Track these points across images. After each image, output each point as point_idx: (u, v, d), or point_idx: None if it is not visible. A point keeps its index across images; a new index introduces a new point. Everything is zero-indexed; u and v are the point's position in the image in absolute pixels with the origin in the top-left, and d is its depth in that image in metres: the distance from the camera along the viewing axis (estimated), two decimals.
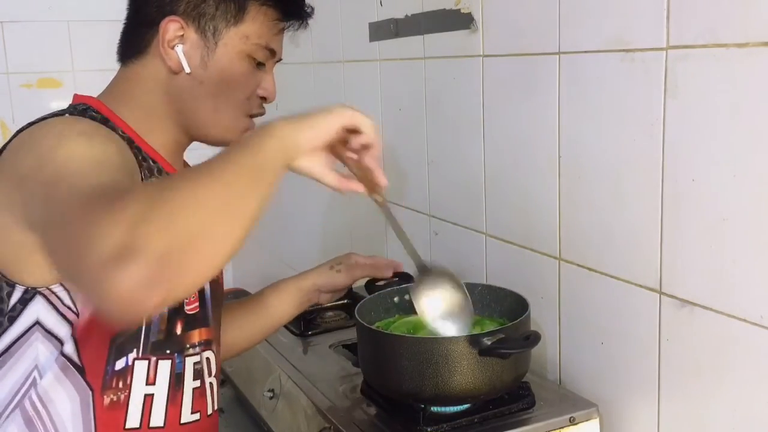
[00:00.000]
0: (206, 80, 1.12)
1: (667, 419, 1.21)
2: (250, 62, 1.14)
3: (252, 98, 1.17)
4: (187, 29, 1.11)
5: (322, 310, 1.78)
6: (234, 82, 1.13)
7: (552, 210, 1.38)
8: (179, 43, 1.11)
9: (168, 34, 1.10)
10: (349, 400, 1.33)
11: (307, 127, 0.93)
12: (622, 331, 1.27)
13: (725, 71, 1.04)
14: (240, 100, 1.15)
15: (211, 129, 1.16)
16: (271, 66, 1.19)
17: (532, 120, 1.41)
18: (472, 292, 1.44)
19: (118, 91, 1.15)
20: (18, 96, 2.76)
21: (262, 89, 1.18)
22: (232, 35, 1.12)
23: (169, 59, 1.11)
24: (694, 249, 1.11)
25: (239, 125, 1.16)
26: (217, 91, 1.13)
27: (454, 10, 1.58)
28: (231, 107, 1.15)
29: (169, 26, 1.10)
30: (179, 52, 1.10)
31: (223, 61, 1.12)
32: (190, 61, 1.11)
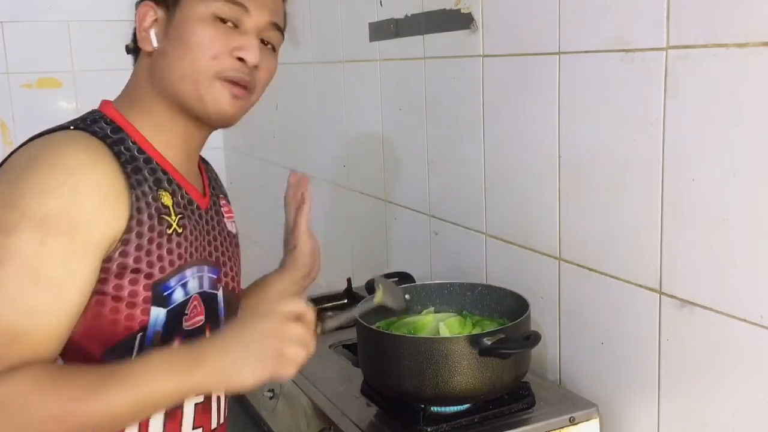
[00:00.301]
0: (170, 50, 1.07)
1: (667, 419, 1.21)
2: (213, 22, 1.07)
3: (221, 58, 1.07)
4: (158, 10, 1.09)
5: (322, 310, 1.78)
6: (195, 44, 1.06)
7: (552, 210, 1.38)
8: (153, 27, 1.09)
9: (144, 20, 1.09)
10: (349, 400, 1.33)
11: (232, 381, 0.97)
12: (622, 331, 1.27)
13: (725, 71, 1.04)
14: (202, 62, 1.06)
15: (189, 101, 1.08)
16: (250, 27, 1.09)
17: (532, 120, 1.41)
18: (472, 292, 1.45)
19: (126, 91, 1.14)
20: (18, 96, 2.76)
21: (237, 49, 1.08)
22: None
23: (143, 42, 1.09)
24: (694, 249, 1.12)
25: (214, 92, 1.07)
26: (178, 57, 1.07)
27: (454, 10, 1.58)
28: (197, 73, 1.06)
29: (143, 12, 1.09)
30: (151, 33, 1.09)
31: (181, 25, 1.07)
32: (157, 37, 1.09)
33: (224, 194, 1.30)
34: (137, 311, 1.01)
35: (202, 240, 1.12)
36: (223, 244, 1.19)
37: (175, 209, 1.07)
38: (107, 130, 1.05)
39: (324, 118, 2.31)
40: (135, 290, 1.01)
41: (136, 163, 1.04)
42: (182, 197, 1.10)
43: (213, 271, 1.14)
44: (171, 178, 1.09)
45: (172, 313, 1.05)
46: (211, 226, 1.17)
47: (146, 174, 1.05)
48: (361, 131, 2.09)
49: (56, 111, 2.79)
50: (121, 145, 1.05)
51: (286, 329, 0.97)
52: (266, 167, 2.82)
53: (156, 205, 1.04)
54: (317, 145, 2.38)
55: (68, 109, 2.80)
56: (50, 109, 2.79)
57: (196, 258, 1.10)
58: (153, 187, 1.05)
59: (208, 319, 1.13)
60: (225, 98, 1.08)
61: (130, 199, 1.00)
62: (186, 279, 1.07)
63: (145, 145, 1.08)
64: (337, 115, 2.20)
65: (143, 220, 1.01)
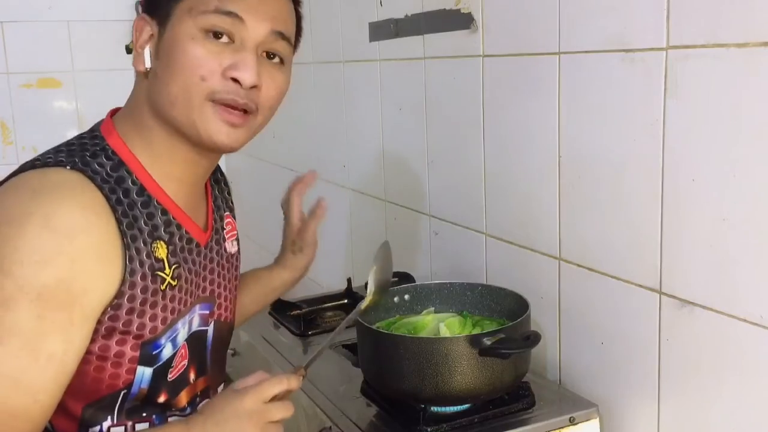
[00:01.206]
0: (159, 71, 0.98)
1: (667, 419, 1.21)
2: (205, 37, 0.96)
3: (211, 79, 0.96)
4: (153, 25, 0.99)
5: (322, 310, 1.78)
6: (182, 65, 0.95)
7: (552, 210, 1.38)
8: (148, 44, 1.00)
9: (142, 35, 1.00)
10: (349, 400, 1.33)
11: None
12: (622, 331, 1.27)
13: (725, 71, 1.04)
14: (191, 85, 0.96)
15: (183, 128, 0.99)
16: (249, 41, 0.98)
17: (532, 120, 1.41)
18: (472, 292, 1.45)
19: (129, 111, 1.05)
20: (18, 96, 2.77)
21: (230, 69, 0.96)
22: (179, 13, 0.96)
23: (137, 61, 1.00)
24: (694, 249, 1.11)
25: (205, 117, 0.97)
26: (167, 80, 0.97)
27: (454, 10, 1.58)
28: (184, 95, 0.96)
29: (141, 26, 1.00)
30: (146, 52, 0.99)
31: (170, 43, 0.96)
32: (152, 57, 0.99)
33: (230, 208, 1.24)
34: (122, 370, 0.98)
35: (197, 279, 1.08)
36: (220, 275, 1.15)
37: (170, 260, 1.01)
38: (107, 168, 0.97)
39: (324, 118, 2.31)
40: (122, 350, 0.97)
41: (133, 212, 0.97)
42: (180, 238, 1.04)
43: (205, 306, 1.11)
44: (170, 218, 1.02)
45: (158, 370, 1.02)
46: (209, 260, 1.12)
47: (143, 224, 0.98)
48: (361, 131, 2.09)
49: (56, 111, 2.79)
50: (119, 188, 0.97)
51: (267, 423, 0.98)
52: (266, 167, 2.82)
53: (149, 263, 0.98)
54: (317, 145, 2.38)
55: (68, 109, 2.80)
56: (50, 109, 2.79)
57: (190, 303, 1.07)
58: (148, 240, 0.98)
59: (193, 359, 1.10)
60: (218, 126, 0.98)
61: (123, 261, 0.94)
62: (177, 332, 1.04)
63: (146, 179, 1.00)
64: (337, 115, 2.20)
65: (136, 282, 0.96)
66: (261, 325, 1.75)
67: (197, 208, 1.11)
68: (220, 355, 1.19)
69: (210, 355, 1.15)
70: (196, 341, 1.10)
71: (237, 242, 1.24)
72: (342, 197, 2.21)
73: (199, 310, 1.10)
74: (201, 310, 1.10)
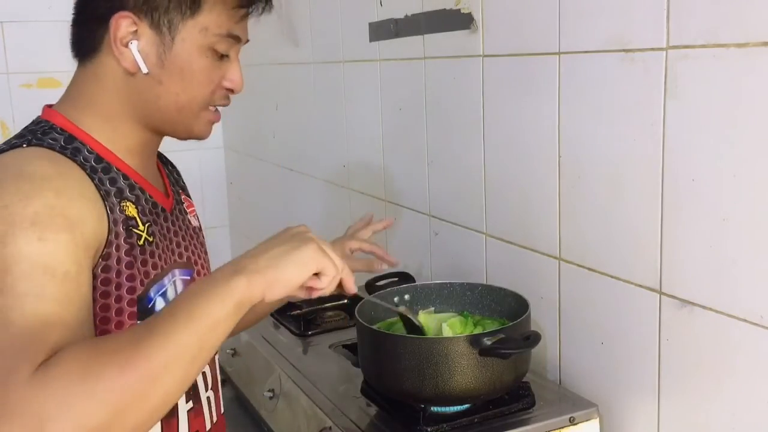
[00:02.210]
0: (165, 80, 1.03)
1: (667, 419, 1.21)
2: (212, 55, 1.05)
3: (216, 91, 1.08)
4: (141, 24, 1.01)
5: (322, 310, 1.78)
6: (195, 79, 1.05)
7: (552, 210, 1.38)
8: (133, 40, 1.01)
9: (120, 32, 1.01)
10: (349, 400, 1.33)
11: (277, 277, 0.88)
12: (622, 331, 1.27)
13: (725, 71, 1.04)
14: (203, 96, 1.07)
15: (176, 127, 1.08)
16: (235, 54, 1.10)
17: (532, 120, 1.41)
18: (472, 292, 1.45)
19: (79, 95, 1.07)
20: (18, 96, 2.76)
21: (227, 80, 1.08)
22: (190, 28, 1.02)
23: (124, 59, 1.02)
24: (694, 249, 1.12)
25: (203, 119, 1.09)
26: (179, 91, 1.04)
27: (454, 10, 1.58)
28: (195, 105, 1.06)
29: (120, 23, 1.00)
30: (134, 51, 1.01)
31: (182, 57, 1.03)
32: (147, 60, 1.02)
33: (183, 188, 1.28)
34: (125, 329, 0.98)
35: (170, 244, 1.11)
36: (191, 243, 1.18)
37: (142, 218, 1.04)
38: (60, 142, 1.00)
39: (324, 118, 2.31)
40: (120, 307, 0.98)
41: (98, 174, 1.00)
42: (146, 201, 1.07)
43: (185, 272, 1.12)
44: (133, 183, 1.06)
45: None
46: (178, 227, 1.15)
47: (108, 185, 1.01)
48: (361, 131, 2.09)
49: None
50: (79, 155, 0.99)
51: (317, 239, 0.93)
52: (266, 167, 2.82)
53: (123, 218, 1.00)
54: (317, 145, 2.38)
55: None
56: None
57: (169, 264, 1.08)
58: (116, 200, 1.00)
59: None
60: (207, 126, 1.11)
61: (105, 209, 0.96)
62: (164, 287, 1.05)
63: (102, 150, 1.03)
64: (337, 115, 2.20)
65: (119, 232, 0.98)
66: (261, 325, 1.75)
67: (155, 178, 1.15)
68: None
69: None
70: None
71: (197, 218, 1.27)
72: (342, 197, 2.21)
73: (180, 275, 1.10)
74: (182, 275, 1.11)
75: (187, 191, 1.30)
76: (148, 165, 1.13)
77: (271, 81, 2.62)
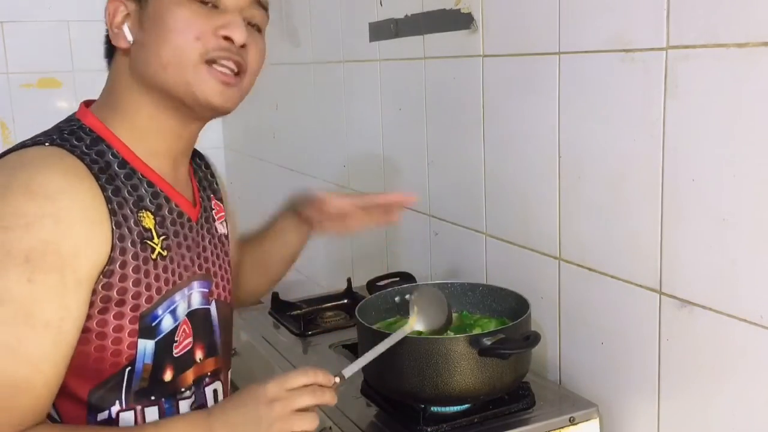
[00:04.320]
0: (146, 40, 1.00)
1: (667, 419, 1.21)
2: (192, 4, 0.99)
3: (205, 38, 0.99)
4: (128, 3, 1.02)
5: (322, 310, 1.78)
6: (172, 29, 0.99)
7: (552, 210, 1.38)
8: (126, 22, 1.02)
9: (116, 17, 1.02)
10: (349, 400, 1.33)
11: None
12: (622, 331, 1.27)
13: (725, 71, 1.04)
14: (185, 45, 0.99)
15: (176, 90, 1.01)
16: (232, 5, 1.02)
17: (532, 120, 1.41)
18: (472, 292, 1.45)
19: (106, 94, 1.07)
20: (18, 96, 2.76)
21: (221, 28, 1.00)
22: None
23: (118, 40, 1.02)
24: (694, 249, 1.12)
25: (201, 78, 1.00)
26: (160, 45, 0.99)
27: (454, 10, 1.58)
28: (178, 56, 0.99)
29: (113, 8, 1.02)
30: (125, 29, 1.02)
31: (156, 12, 0.99)
32: (132, 32, 1.01)
33: (215, 191, 1.24)
34: (123, 346, 0.97)
35: (192, 255, 1.08)
36: (213, 253, 1.14)
37: (158, 230, 1.01)
38: (86, 143, 0.99)
39: (324, 118, 2.31)
40: (120, 324, 0.96)
41: (116, 182, 0.98)
42: (170, 211, 1.05)
43: (204, 284, 1.10)
44: (158, 190, 1.04)
45: (161, 343, 1.01)
46: (202, 237, 1.12)
47: (126, 194, 0.99)
48: (361, 131, 2.09)
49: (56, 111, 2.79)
50: (101, 160, 0.98)
51: (292, 412, 0.95)
52: (266, 167, 2.82)
53: (138, 230, 0.98)
54: (317, 145, 2.38)
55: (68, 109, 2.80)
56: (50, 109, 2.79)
57: (185, 278, 1.06)
58: (133, 209, 0.99)
59: (198, 338, 1.09)
60: (213, 86, 1.01)
61: (110, 226, 0.94)
62: (175, 304, 1.03)
63: (128, 154, 1.02)
64: (337, 114, 2.20)
65: (126, 248, 0.96)
66: (261, 325, 1.75)
67: (184, 184, 1.11)
68: (226, 338, 1.18)
69: (219, 336, 1.14)
70: (201, 320, 1.09)
71: (226, 224, 1.23)
72: None
73: (198, 287, 1.09)
74: (200, 288, 1.09)
75: (220, 194, 1.26)
76: (175, 170, 1.09)
77: (271, 81, 2.61)
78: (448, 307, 1.26)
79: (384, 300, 1.42)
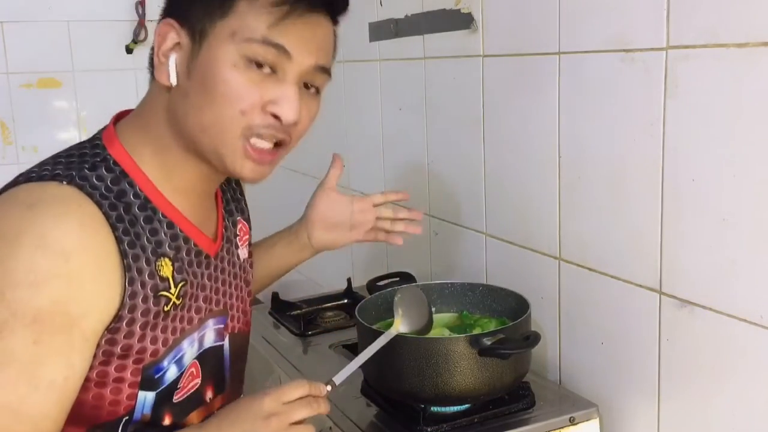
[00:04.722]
0: (191, 92, 0.91)
1: (667, 419, 1.21)
2: (246, 66, 0.90)
3: (251, 114, 0.92)
4: (182, 34, 0.92)
5: (322, 310, 1.78)
6: (219, 92, 0.90)
7: (552, 210, 1.38)
8: (174, 53, 0.92)
9: (165, 42, 0.93)
10: (349, 400, 1.33)
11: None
12: (622, 331, 1.27)
13: (725, 71, 1.04)
14: (228, 117, 0.91)
15: (209, 154, 0.94)
16: (290, 74, 0.93)
17: (532, 120, 1.41)
18: (472, 292, 1.45)
19: (143, 115, 0.99)
20: (18, 96, 2.76)
21: (271, 103, 0.92)
22: (218, 33, 0.90)
23: (160, 71, 0.93)
24: (694, 249, 1.12)
25: (236, 153, 0.93)
26: (203, 104, 0.91)
27: (454, 10, 1.58)
28: (218, 125, 0.91)
29: (165, 32, 0.93)
30: (171, 62, 0.92)
31: (207, 65, 0.90)
32: (179, 72, 0.92)
33: (242, 211, 1.20)
34: (122, 396, 0.93)
35: (207, 294, 1.04)
36: (231, 285, 1.10)
37: (176, 278, 0.96)
38: (107, 181, 0.92)
39: (324, 118, 2.31)
40: (121, 376, 0.93)
41: (135, 229, 0.92)
42: (188, 252, 1.00)
43: (220, 320, 1.07)
44: (177, 232, 0.98)
45: (162, 393, 0.97)
46: (220, 271, 1.07)
47: (145, 241, 0.93)
48: (361, 131, 2.09)
49: (56, 111, 2.79)
50: (121, 202, 0.92)
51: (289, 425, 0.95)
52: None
53: (152, 283, 0.93)
54: (317, 145, 2.38)
55: (68, 109, 2.80)
56: (50, 109, 2.79)
57: (197, 321, 1.02)
58: (152, 259, 0.93)
59: (208, 377, 1.06)
60: (247, 164, 0.94)
61: (123, 283, 0.89)
62: (182, 352, 0.99)
63: (152, 192, 0.95)
64: (337, 115, 2.20)
65: (136, 305, 0.91)
66: (261, 325, 1.75)
67: (207, 217, 1.06)
68: (238, 368, 1.15)
69: (229, 371, 1.11)
70: (213, 358, 1.07)
71: (249, 245, 1.20)
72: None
73: (213, 324, 1.06)
74: (216, 325, 1.06)
75: (247, 214, 1.21)
76: (199, 203, 1.03)
77: None
78: (428, 307, 1.25)
79: (384, 300, 1.42)
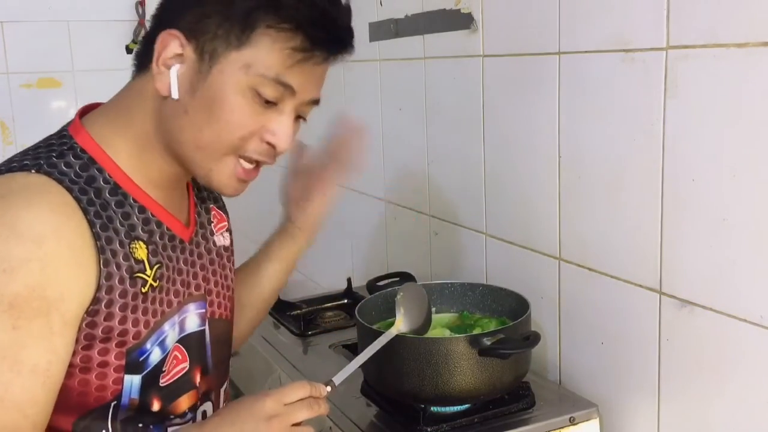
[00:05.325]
0: (191, 110, 0.94)
1: (667, 419, 1.21)
2: (253, 97, 0.94)
3: (250, 140, 0.96)
4: (187, 48, 0.94)
5: (322, 310, 1.78)
6: (224, 118, 0.94)
7: (552, 210, 1.38)
8: (176, 63, 0.94)
9: (166, 51, 0.94)
10: (349, 400, 1.33)
11: None
12: (622, 331, 1.27)
13: (725, 71, 1.04)
14: (230, 140, 0.95)
15: (194, 167, 0.98)
16: (289, 107, 0.98)
17: (532, 120, 1.41)
18: (472, 292, 1.45)
19: (118, 110, 1.00)
20: (18, 96, 2.76)
21: (269, 132, 0.97)
22: (232, 61, 0.93)
23: (159, 80, 0.95)
24: (694, 249, 1.11)
25: (226, 168, 0.97)
26: (203, 125, 0.94)
27: (454, 10, 1.58)
28: (217, 147, 0.95)
29: (167, 41, 0.94)
30: (172, 74, 0.94)
31: (214, 89, 0.93)
32: (181, 86, 0.94)
33: (215, 199, 1.20)
34: (108, 381, 0.94)
35: (185, 278, 1.05)
36: (209, 271, 1.11)
37: (151, 260, 0.97)
38: (76, 168, 0.93)
39: (324, 118, 2.31)
40: (105, 360, 0.93)
41: (107, 212, 0.93)
42: (161, 236, 1.01)
43: (200, 305, 1.08)
44: (149, 216, 0.99)
45: (147, 377, 0.98)
46: (197, 256, 1.08)
47: (118, 225, 0.94)
48: None
49: (56, 111, 2.79)
50: (91, 188, 0.93)
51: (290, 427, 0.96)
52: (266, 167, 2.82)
53: (128, 265, 0.93)
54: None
55: (68, 109, 2.80)
56: (50, 109, 2.79)
57: (176, 304, 1.02)
58: (125, 241, 0.94)
59: (195, 361, 1.06)
60: (231, 181, 0.99)
61: (98, 265, 0.90)
62: (164, 334, 0.99)
63: (122, 179, 0.97)
64: (338, 115, 2.19)
65: (113, 286, 0.91)
66: (261, 325, 1.74)
67: (179, 204, 1.07)
68: (221, 355, 1.15)
69: (210, 356, 1.11)
70: (195, 343, 1.07)
71: (229, 233, 1.20)
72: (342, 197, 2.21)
73: (195, 309, 1.07)
74: (197, 309, 1.07)
75: (221, 202, 1.22)
76: (171, 190, 1.05)
77: None
78: (428, 306, 1.25)
79: (384, 300, 1.42)
